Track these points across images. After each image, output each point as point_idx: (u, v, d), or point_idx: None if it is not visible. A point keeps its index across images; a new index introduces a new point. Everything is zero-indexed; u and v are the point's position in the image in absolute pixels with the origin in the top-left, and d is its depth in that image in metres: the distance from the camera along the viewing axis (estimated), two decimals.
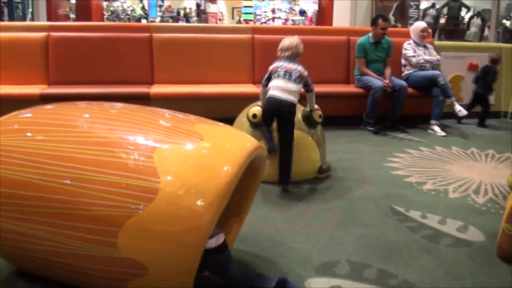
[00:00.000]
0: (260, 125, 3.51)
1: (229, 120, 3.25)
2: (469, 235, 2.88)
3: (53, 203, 1.82)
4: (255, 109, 3.64)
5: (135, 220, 1.73)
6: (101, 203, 1.76)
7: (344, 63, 6.02)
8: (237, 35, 5.77)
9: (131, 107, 2.22)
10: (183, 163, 1.84)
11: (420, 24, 5.97)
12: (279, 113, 3.45)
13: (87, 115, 2.11)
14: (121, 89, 5.01)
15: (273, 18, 16.26)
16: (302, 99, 3.70)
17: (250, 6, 16.36)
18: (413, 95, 5.65)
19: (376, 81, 5.42)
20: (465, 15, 12.69)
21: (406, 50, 5.86)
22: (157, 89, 5.13)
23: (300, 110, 3.76)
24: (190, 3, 17.08)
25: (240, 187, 2.16)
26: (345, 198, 3.41)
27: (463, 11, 12.34)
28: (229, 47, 5.69)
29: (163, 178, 1.76)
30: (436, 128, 5.51)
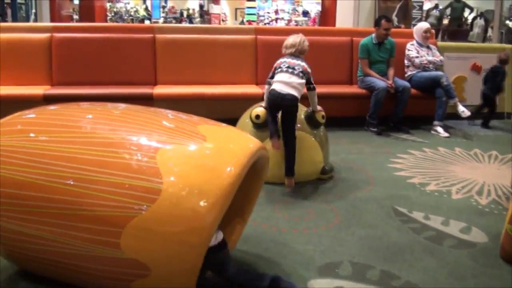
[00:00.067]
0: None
1: (232, 121, 3.25)
2: (472, 236, 2.87)
3: (56, 204, 1.82)
4: (258, 110, 3.64)
5: (138, 221, 1.73)
6: (104, 204, 1.76)
7: (347, 64, 6.02)
8: (240, 36, 5.77)
9: (134, 108, 2.22)
10: (186, 164, 1.84)
11: (423, 25, 5.97)
12: (281, 107, 3.48)
13: (90, 116, 2.11)
14: (124, 90, 5.02)
15: (276, 19, 16.28)
16: (305, 100, 3.71)
17: (253, 7, 16.38)
18: (416, 96, 5.64)
19: (379, 82, 5.42)
20: (468, 16, 12.68)
21: (409, 51, 5.85)
22: (160, 90, 5.13)
23: (303, 111, 3.76)
24: (193, 4, 17.11)
25: (243, 188, 2.16)
26: (348, 199, 3.41)
27: (466, 12, 12.33)
28: (232, 48, 5.69)
29: (166, 179, 1.76)
30: (439, 129, 5.50)
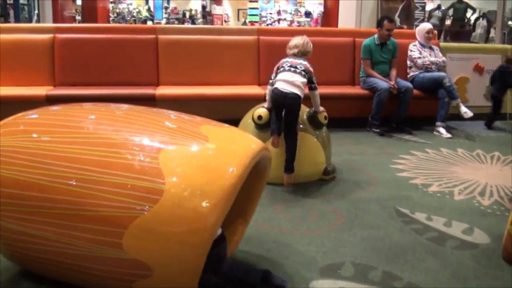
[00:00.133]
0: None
1: (235, 122, 3.25)
2: (475, 238, 2.87)
3: (59, 204, 1.82)
4: (261, 111, 3.65)
5: (140, 221, 1.73)
6: (107, 204, 1.77)
7: (350, 65, 6.02)
8: (243, 37, 5.78)
9: (137, 109, 2.22)
10: (188, 164, 1.84)
11: (426, 26, 5.96)
12: (284, 106, 3.52)
13: (93, 116, 2.12)
14: (127, 91, 5.03)
15: (279, 20, 16.29)
16: (308, 101, 3.71)
17: (256, 8, 16.39)
18: (419, 97, 5.63)
19: (382, 83, 5.41)
20: (471, 17, 12.67)
21: (412, 52, 5.84)
22: (163, 91, 5.14)
23: (306, 112, 3.76)
24: (196, 5, 17.13)
25: (245, 189, 2.16)
26: (350, 200, 3.41)
27: (469, 13, 12.32)
28: (235, 49, 5.70)
29: (168, 179, 1.76)
30: (442, 130, 5.49)
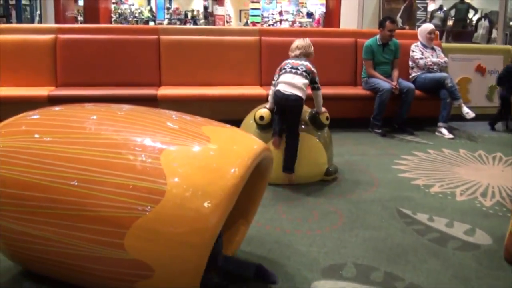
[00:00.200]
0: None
1: (236, 122, 3.25)
2: (477, 238, 2.86)
3: (60, 204, 1.83)
4: (262, 111, 3.65)
5: (142, 222, 1.73)
6: (108, 205, 1.77)
7: (352, 65, 6.01)
8: (245, 37, 5.78)
9: (139, 109, 2.22)
10: (190, 165, 1.84)
11: (428, 26, 5.95)
12: (286, 107, 3.54)
13: (95, 117, 2.12)
14: (129, 91, 5.03)
15: (281, 20, 16.29)
16: (310, 101, 3.71)
17: (258, 9, 16.40)
18: (421, 97, 5.63)
19: (384, 83, 5.41)
20: (473, 17, 12.67)
21: (414, 52, 5.84)
22: (165, 91, 5.14)
23: (307, 112, 3.76)
24: (198, 6, 17.14)
25: (247, 189, 2.16)
26: (352, 201, 3.40)
27: (471, 13, 12.33)
28: (236, 49, 5.70)
29: (170, 180, 1.76)
30: (444, 131, 5.49)
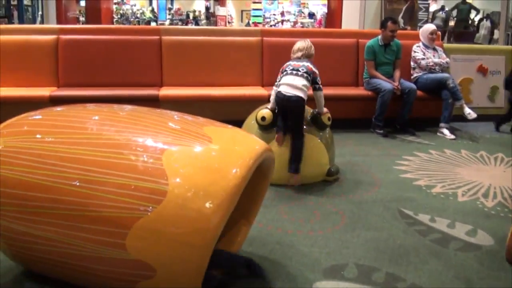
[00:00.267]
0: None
1: (238, 123, 3.26)
2: (478, 239, 2.86)
3: (62, 205, 1.83)
4: (264, 112, 3.65)
5: (144, 222, 1.73)
6: (110, 205, 1.77)
7: (353, 66, 6.01)
8: (246, 38, 5.78)
9: (140, 109, 2.23)
10: (192, 165, 1.84)
11: (430, 27, 5.95)
12: (287, 109, 3.56)
13: (97, 117, 2.12)
14: (130, 92, 5.03)
15: (282, 21, 16.31)
16: (312, 102, 3.71)
17: (259, 9, 16.42)
18: (422, 98, 5.62)
19: (385, 84, 5.41)
20: (475, 18, 12.67)
21: (416, 53, 5.83)
22: (166, 92, 5.14)
23: (309, 113, 3.76)
24: (199, 6, 17.17)
25: (249, 189, 2.16)
26: (354, 201, 3.40)
27: (473, 14, 12.32)
28: (238, 50, 5.70)
29: (172, 180, 1.76)
30: (446, 131, 5.48)
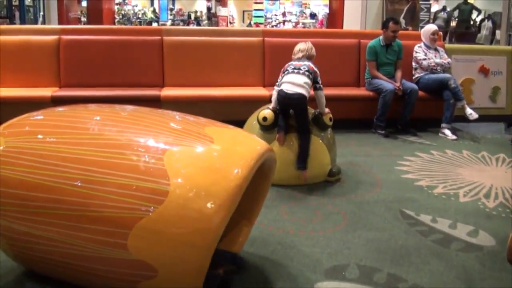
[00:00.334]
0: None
1: (240, 123, 3.26)
2: (480, 240, 2.86)
3: (64, 205, 1.83)
4: (266, 112, 3.65)
5: (145, 222, 1.73)
6: (112, 205, 1.77)
7: (355, 66, 6.01)
8: (248, 38, 5.78)
9: (142, 110, 2.23)
10: (193, 166, 1.84)
11: (431, 27, 5.94)
12: (290, 106, 3.58)
13: (98, 118, 2.12)
14: (132, 92, 5.04)
15: (284, 21, 16.31)
16: (314, 102, 3.71)
17: (261, 10, 16.43)
18: (424, 98, 5.61)
19: (387, 84, 5.40)
20: (476, 18, 12.66)
21: (417, 53, 5.83)
22: (168, 92, 5.15)
23: (311, 113, 3.76)
24: (201, 7, 17.18)
25: (250, 190, 2.16)
26: (355, 202, 3.40)
27: (474, 14, 12.31)
28: (240, 50, 5.70)
29: (173, 180, 1.76)
30: (447, 132, 5.47)
